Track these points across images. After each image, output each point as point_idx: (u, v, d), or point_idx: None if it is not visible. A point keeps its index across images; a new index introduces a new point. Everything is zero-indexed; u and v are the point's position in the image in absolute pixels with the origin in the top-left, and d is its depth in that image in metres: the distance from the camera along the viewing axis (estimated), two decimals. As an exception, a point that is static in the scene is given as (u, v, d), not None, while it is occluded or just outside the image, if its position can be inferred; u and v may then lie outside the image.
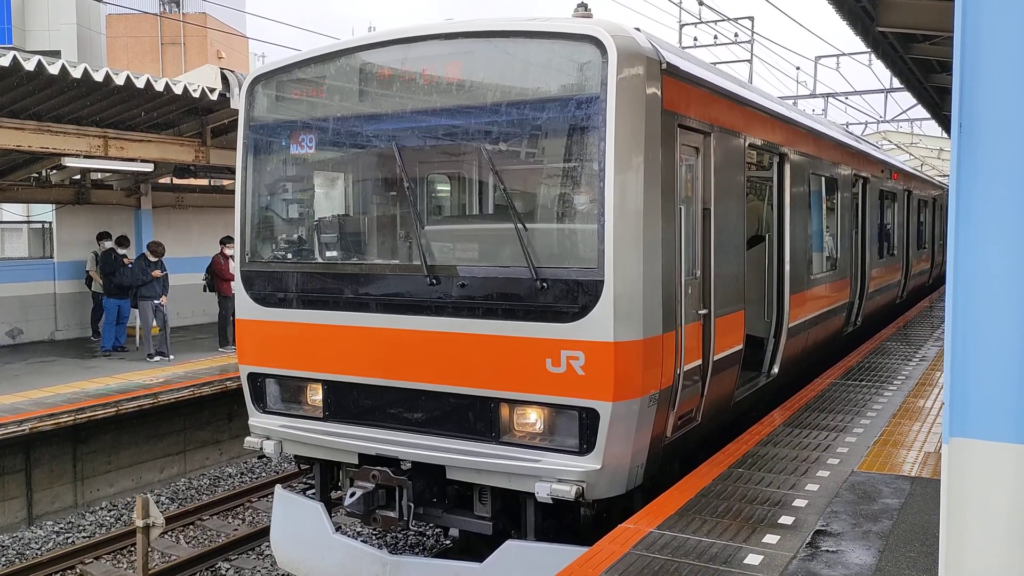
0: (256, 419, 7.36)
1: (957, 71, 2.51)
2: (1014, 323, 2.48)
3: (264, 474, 12.75)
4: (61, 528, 10.60)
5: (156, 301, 14.12)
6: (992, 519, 2.50)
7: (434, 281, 6.30)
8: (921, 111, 24.25)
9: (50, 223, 17.30)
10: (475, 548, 7.11)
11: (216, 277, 14.84)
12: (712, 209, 7.08)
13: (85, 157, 12.65)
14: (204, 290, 15.44)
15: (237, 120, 7.56)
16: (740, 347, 7.78)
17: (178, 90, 11.62)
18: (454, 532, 7.55)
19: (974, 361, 2.52)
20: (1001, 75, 2.45)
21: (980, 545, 2.53)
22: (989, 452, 2.49)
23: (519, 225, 5.98)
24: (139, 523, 7.88)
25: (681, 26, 22.50)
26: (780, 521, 5.51)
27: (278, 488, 7.71)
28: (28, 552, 9.86)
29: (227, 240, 14.49)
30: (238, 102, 7.63)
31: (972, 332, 2.52)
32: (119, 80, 10.86)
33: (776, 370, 9.04)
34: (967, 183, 2.52)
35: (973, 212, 2.53)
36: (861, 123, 31.53)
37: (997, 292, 2.49)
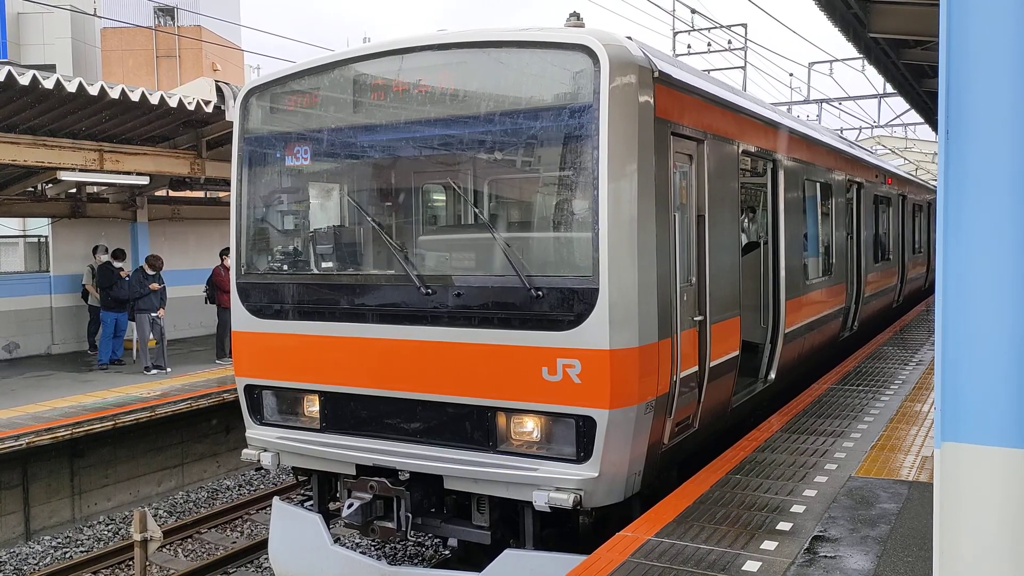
0: (253, 431, 7.35)
1: (943, 77, 2.52)
2: (1004, 328, 2.49)
3: (262, 486, 12.72)
4: (59, 543, 10.56)
5: (153, 314, 14.10)
6: (985, 523, 2.51)
7: (430, 291, 6.31)
8: (915, 116, 24.39)
9: (46, 237, 17.28)
10: (474, 558, 7.10)
11: (216, 289, 14.83)
12: (707, 216, 7.10)
13: (81, 171, 12.65)
14: (205, 302, 15.44)
15: (232, 132, 7.57)
16: (736, 353, 7.79)
17: (173, 103, 11.64)
18: (453, 542, 7.53)
19: (965, 366, 2.53)
20: (986, 81, 2.47)
21: (973, 549, 2.53)
22: (981, 456, 2.50)
23: (514, 234, 6.00)
24: (137, 537, 7.86)
25: (675, 34, 22.60)
26: (778, 527, 5.51)
27: (276, 500, 7.69)
28: (26, 567, 9.82)
29: (228, 252, 14.48)
30: (233, 114, 7.64)
31: (962, 337, 2.53)
32: (114, 94, 10.88)
33: (773, 376, 9.04)
34: (955, 189, 2.54)
35: (962, 217, 2.54)
36: (855, 128, 31.65)
37: (986, 296, 2.50)
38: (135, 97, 11.11)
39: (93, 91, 10.66)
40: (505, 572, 6.16)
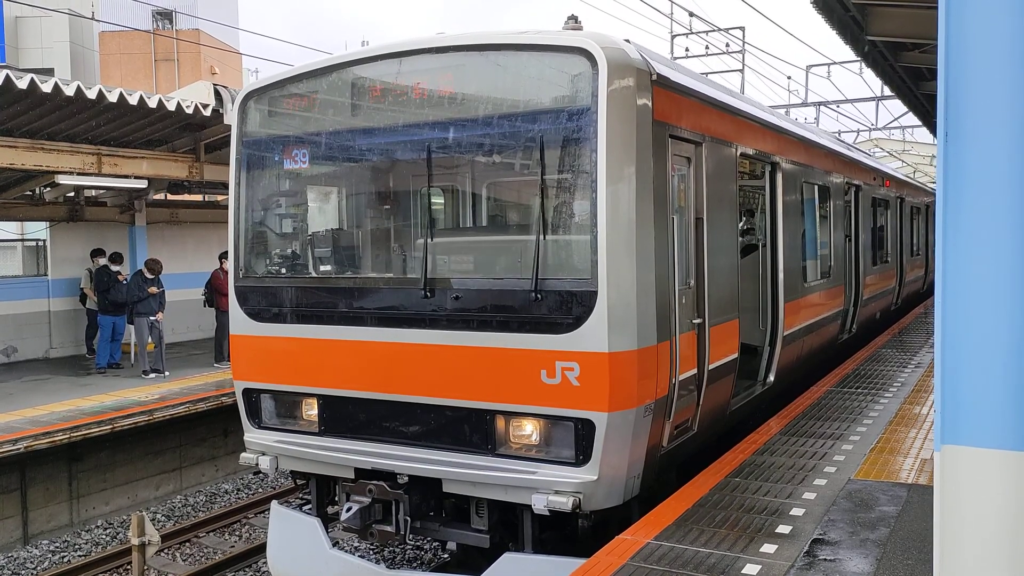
0: (251, 435, 7.34)
1: (942, 80, 2.52)
2: (1003, 330, 2.48)
3: (260, 490, 12.70)
4: (57, 547, 10.54)
5: (152, 317, 14.09)
6: (985, 525, 2.50)
7: (428, 294, 6.30)
8: (912, 118, 24.41)
9: (44, 240, 17.27)
10: (473, 561, 7.08)
11: (215, 292, 14.83)
12: (705, 218, 7.10)
13: (79, 174, 12.65)
14: (204, 305, 15.43)
15: (230, 136, 7.57)
16: (735, 356, 7.78)
17: (171, 106, 11.64)
18: (452, 545, 7.52)
19: (964, 368, 2.52)
20: (985, 83, 2.47)
21: (973, 551, 2.53)
22: (980, 459, 2.49)
23: (513, 237, 5.99)
24: (135, 541, 7.85)
25: (672, 37, 22.61)
26: (778, 530, 5.50)
27: (274, 504, 7.68)
28: (23, 572, 9.80)
29: (226, 255, 14.45)
30: (231, 118, 7.63)
31: (962, 339, 2.52)
32: (112, 97, 10.88)
33: (772, 378, 9.04)
34: (955, 191, 2.54)
35: (961, 220, 2.54)
36: (853, 131, 31.66)
37: (986, 299, 2.50)
38: (133, 100, 11.11)
39: (91, 95, 10.65)
40: (504, 575, 6.14)
